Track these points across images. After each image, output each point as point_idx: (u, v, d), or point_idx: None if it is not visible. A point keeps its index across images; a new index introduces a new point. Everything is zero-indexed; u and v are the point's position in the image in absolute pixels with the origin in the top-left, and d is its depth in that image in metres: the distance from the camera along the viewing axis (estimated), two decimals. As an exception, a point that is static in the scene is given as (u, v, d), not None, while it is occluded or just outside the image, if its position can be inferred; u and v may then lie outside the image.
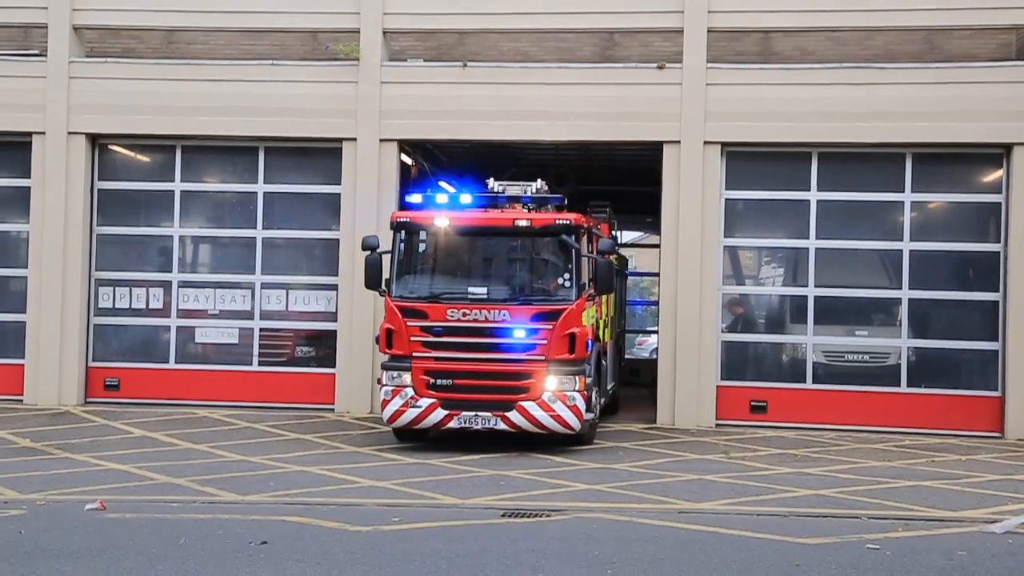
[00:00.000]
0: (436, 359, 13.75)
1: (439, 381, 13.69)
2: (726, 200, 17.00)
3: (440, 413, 13.67)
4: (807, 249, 16.83)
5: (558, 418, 13.55)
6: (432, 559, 8.42)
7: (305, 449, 13.89)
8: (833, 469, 13.06)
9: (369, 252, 14.05)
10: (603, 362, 15.73)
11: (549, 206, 14.55)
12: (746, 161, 17.06)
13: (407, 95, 17.24)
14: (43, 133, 17.39)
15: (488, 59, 17.84)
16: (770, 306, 17.65)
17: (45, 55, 17.58)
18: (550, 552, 8.71)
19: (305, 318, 17.82)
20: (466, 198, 14.36)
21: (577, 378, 13.65)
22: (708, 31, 16.84)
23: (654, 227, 23.97)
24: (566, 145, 18.50)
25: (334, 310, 17.36)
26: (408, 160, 18.02)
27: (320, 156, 17.56)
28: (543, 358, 13.60)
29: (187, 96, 17.27)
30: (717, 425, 16.41)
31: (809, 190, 16.84)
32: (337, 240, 17.26)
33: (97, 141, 17.76)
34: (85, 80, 17.47)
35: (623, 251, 22.69)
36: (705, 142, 16.74)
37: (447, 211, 14.18)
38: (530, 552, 8.67)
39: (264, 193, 17.75)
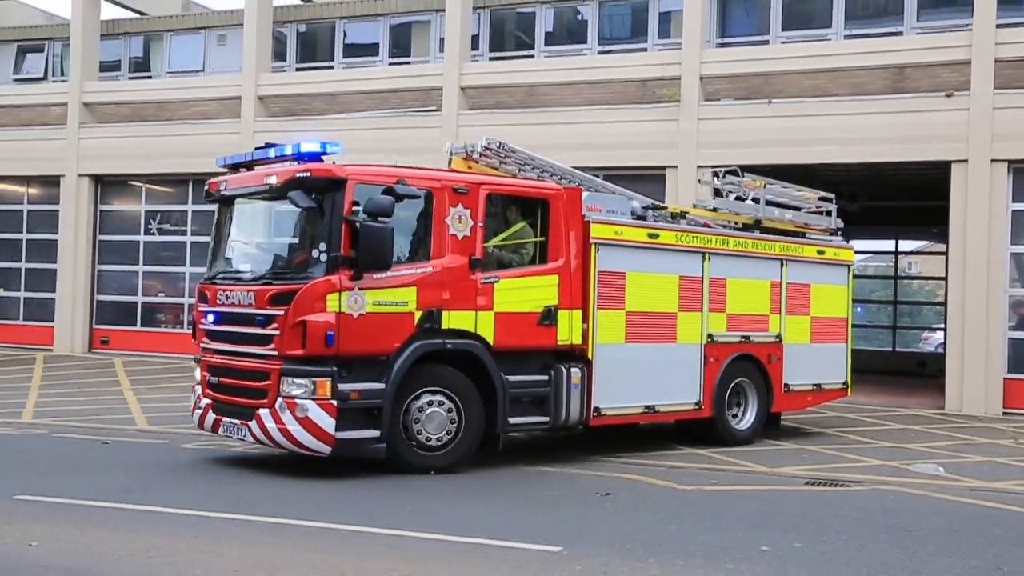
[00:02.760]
0: (209, 351, 9.74)
1: (210, 378, 9.58)
2: (1012, 211, 15.24)
3: (212, 416, 9.55)
4: (1095, 255, 14.80)
5: (285, 432, 8.71)
6: (747, 517, 8.04)
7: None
8: (1125, 459, 11.33)
9: None
10: (567, 371, 9.92)
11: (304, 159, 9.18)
12: (1033, 176, 15.24)
13: (719, 129, 16.80)
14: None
15: (790, 95, 17.04)
16: (1056, 307, 15.63)
17: (440, 110, 18.62)
18: (851, 518, 8.07)
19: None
20: (240, 156, 9.95)
21: (314, 381, 8.62)
22: (995, 61, 15.21)
23: (939, 237, 22.09)
24: (857, 167, 17.33)
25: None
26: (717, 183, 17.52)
27: (647, 182, 17.33)
28: (277, 353, 8.89)
29: (543, 136, 17.61)
30: (1004, 414, 14.72)
31: (1097, 200, 14.80)
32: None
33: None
34: (467, 128, 18.22)
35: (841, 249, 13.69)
36: (992, 160, 15.11)
37: (225, 175, 9.97)
38: (833, 517, 8.08)
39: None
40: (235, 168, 9.88)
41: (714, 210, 12.12)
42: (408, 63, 21.15)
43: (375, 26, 21.63)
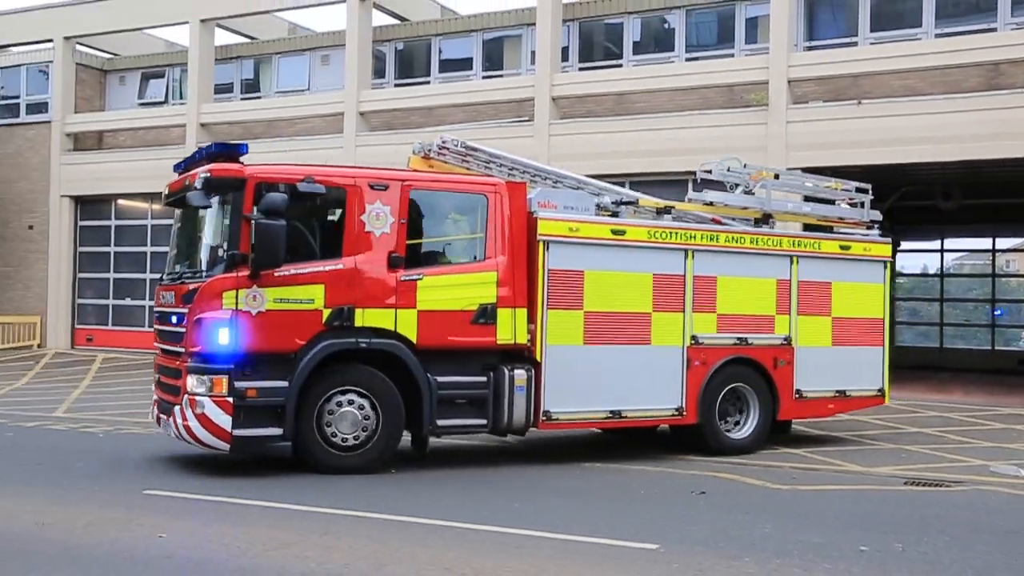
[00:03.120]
0: (157, 349, 9.66)
1: (156, 376, 9.57)
2: (1116, 206, 14.41)
3: (155, 411, 9.54)
4: None
5: (188, 428, 8.54)
6: (844, 516, 7.77)
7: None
8: None
9: None
10: (510, 373, 9.24)
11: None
12: None
13: (808, 131, 16.36)
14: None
15: (879, 96, 16.49)
16: None
17: (532, 120, 18.63)
18: (954, 518, 7.73)
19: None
20: (184, 161, 9.58)
21: (212, 378, 8.37)
22: (1096, 53, 14.41)
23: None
24: (952, 165, 16.62)
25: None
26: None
27: (737, 185, 17.12)
28: (184, 350, 8.72)
29: (633, 143, 17.54)
30: (1110, 413, 13.91)
31: None
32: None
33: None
34: (559, 137, 18.30)
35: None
36: (1093, 154, 14.33)
37: (174, 178, 9.66)
38: (935, 517, 7.74)
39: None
40: (185, 171, 9.57)
41: (710, 204, 10.80)
42: (501, 76, 21.23)
43: (468, 42, 21.80)
